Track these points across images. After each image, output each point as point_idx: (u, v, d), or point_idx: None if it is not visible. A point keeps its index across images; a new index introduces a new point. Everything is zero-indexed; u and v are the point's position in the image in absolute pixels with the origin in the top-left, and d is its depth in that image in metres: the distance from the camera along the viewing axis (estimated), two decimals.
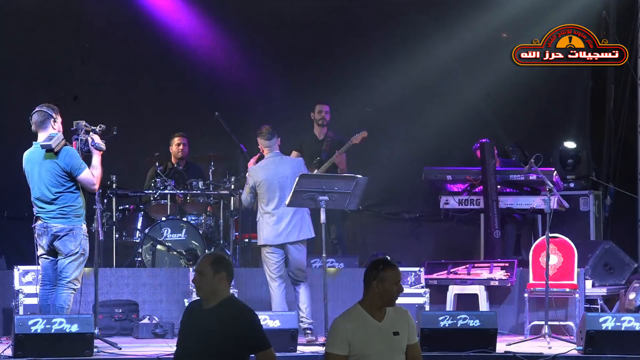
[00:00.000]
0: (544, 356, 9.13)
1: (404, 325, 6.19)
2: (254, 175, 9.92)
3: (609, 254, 11.52)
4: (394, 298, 6.17)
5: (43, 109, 9.01)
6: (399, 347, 6.17)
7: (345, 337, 6.09)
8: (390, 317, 6.18)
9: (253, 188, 9.92)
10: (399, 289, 6.17)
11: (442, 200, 11.87)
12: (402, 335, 6.17)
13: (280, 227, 9.84)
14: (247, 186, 10.01)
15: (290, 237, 9.85)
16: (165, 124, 12.97)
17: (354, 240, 13.17)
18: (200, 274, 6.03)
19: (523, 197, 11.59)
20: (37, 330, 8.51)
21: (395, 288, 6.15)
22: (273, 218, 9.83)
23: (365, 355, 6.10)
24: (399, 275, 6.19)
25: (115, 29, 13.13)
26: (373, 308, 6.16)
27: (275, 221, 9.84)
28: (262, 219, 9.93)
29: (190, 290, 10.35)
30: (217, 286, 6.01)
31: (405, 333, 6.19)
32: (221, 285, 6.02)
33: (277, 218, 9.83)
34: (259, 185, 9.87)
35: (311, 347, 9.40)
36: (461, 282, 10.79)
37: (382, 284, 6.13)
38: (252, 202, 10.08)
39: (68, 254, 8.86)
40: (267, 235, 9.87)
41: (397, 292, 6.16)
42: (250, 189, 9.95)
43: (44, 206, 8.89)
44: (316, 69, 13.30)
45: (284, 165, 9.96)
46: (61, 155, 8.86)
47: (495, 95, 13.45)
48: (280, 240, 9.83)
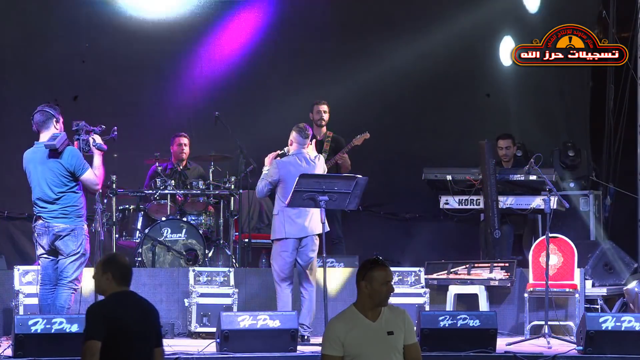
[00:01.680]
0: (544, 356, 9.13)
1: (399, 325, 6.14)
2: (280, 169, 9.89)
3: (609, 254, 11.53)
4: (383, 298, 6.11)
5: (45, 109, 9.01)
6: (394, 347, 6.11)
7: (338, 338, 6.09)
8: (386, 317, 6.13)
9: (276, 181, 9.89)
10: (389, 289, 6.10)
11: (442, 200, 11.87)
12: (396, 335, 6.12)
13: (302, 221, 9.83)
14: (268, 178, 9.91)
15: (311, 230, 9.85)
16: (165, 124, 12.97)
17: (354, 240, 13.17)
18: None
19: (523, 197, 11.59)
20: (37, 330, 8.51)
21: (385, 288, 6.09)
22: (295, 212, 9.81)
23: (358, 355, 6.08)
24: (388, 276, 6.12)
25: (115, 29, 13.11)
26: (366, 308, 6.13)
27: (297, 215, 9.83)
28: (283, 214, 9.87)
29: (190, 290, 10.36)
30: (103, 285, 6.21)
31: (400, 333, 6.13)
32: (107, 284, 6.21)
33: (298, 212, 9.83)
34: (284, 180, 9.84)
35: (311, 347, 9.40)
36: (461, 282, 10.79)
37: (371, 284, 6.09)
38: (267, 195, 10.06)
39: (69, 254, 8.86)
40: (289, 229, 9.84)
41: (386, 292, 6.09)
42: (272, 182, 9.91)
43: (46, 206, 8.89)
44: (316, 68, 13.30)
45: (310, 164, 9.99)
46: (65, 155, 8.87)
47: (495, 95, 13.46)
48: (303, 234, 9.83)
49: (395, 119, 13.36)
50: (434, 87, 13.42)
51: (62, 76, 13.00)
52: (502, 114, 13.35)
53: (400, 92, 13.33)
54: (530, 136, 13.03)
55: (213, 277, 10.45)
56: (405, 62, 13.29)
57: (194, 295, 10.31)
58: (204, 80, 13.35)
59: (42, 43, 12.93)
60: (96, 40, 13.10)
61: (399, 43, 13.30)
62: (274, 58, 13.40)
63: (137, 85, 13.21)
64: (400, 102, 13.34)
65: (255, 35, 13.43)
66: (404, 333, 6.15)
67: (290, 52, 13.41)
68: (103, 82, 13.08)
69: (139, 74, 13.19)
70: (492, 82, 13.38)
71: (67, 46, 13.07)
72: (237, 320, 9.11)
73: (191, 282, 10.40)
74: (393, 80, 13.33)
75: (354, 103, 13.07)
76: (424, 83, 13.35)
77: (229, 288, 10.40)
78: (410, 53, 13.26)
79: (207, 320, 10.23)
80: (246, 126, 12.70)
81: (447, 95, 13.46)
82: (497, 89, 13.41)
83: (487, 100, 13.51)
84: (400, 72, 13.30)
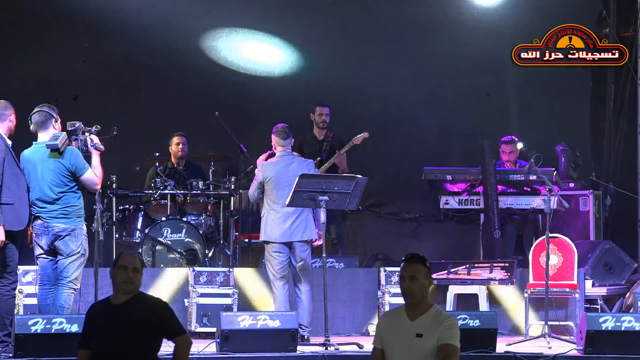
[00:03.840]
0: (544, 356, 9.13)
1: (433, 329, 5.97)
2: (264, 171, 9.91)
3: (609, 254, 11.52)
4: (405, 294, 6.03)
5: (44, 109, 9.01)
6: (420, 350, 5.97)
7: (379, 331, 6.16)
8: (424, 319, 6.02)
9: (262, 184, 9.91)
10: (407, 284, 6.02)
11: (442, 200, 11.86)
12: (425, 339, 5.97)
13: (286, 226, 9.84)
14: (255, 182, 9.98)
15: (294, 235, 9.85)
16: (165, 124, 12.96)
17: (354, 240, 13.17)
18: (137, 270, 6.57)
19: (523, 197, 11.59)
20: (37, 330, 8.50)
21: (404, 284, 6.03)
22: (279, 216, 9.83)
23: (390, 350, 6.07)
24: (409, 270, 6.04)
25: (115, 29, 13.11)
26: (407, 306, 6.08)
27: (281, 219, 9.83)
28: (268, 216, 9.92)
29: (190, 290, 10.36)
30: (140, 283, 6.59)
31: (432, 338, 5.96)
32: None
33: (283, 216, 9.83)
34: (268, 182, 9.85)
35: (311, 347, 9.39)
36: (461, 282, 10.78)
37: (400, 279, 6.09)
38: (259, 198, 10.07)
39: (70, 254, 8.86)
40: (271, 232, 9.87)
41: (405, 287, 6.02)
42: (259, 185, 9.93)
43: (45, 206, 8.88)
44: (316, 68, 13.30)
45: (295, 165, 9.97)
46: (66, 155, 8.86)
47: (495, 95, 13.46)
48: (285, 239, 9.84)
49: (395, 119, 13.35)
50: (434, 87, 13.41)
51: (62, 76, 13.00)
52: (502, 114, 13.35)
53: (401, 92, 13.32)
54: (530, 136, 13.04)
55: (213, 277, 10.44)
56: (406, 62, 13.29)
57: (194, 295, 10.31)
58: (204, 80, 13.34)
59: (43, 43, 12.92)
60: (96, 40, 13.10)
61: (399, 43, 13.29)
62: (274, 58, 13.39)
63: (137, 85, 13.20)
64: (401, 102, 13.33)
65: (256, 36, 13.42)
66: (438, 337, 5.98)
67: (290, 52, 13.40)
68: (103, 82, 13.08)
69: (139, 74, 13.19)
70: (492, 82, 13.37)
71: (67, 46, 13.06)
72: (237, 320, 9.11)
73: (191, 282, 10.40)
74: (393, 80, 13.33)
75: (354, 103, 13.06)
76: (424, 83, 13.34)
77: (229, 288, 10.39)
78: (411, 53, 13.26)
79: (207, 320, 10.23)
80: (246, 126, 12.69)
81: (447, 95, 13.45)
82: (497, 89, 13.41)
83: (487, 100, 13.51)
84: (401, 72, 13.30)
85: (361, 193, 9.73)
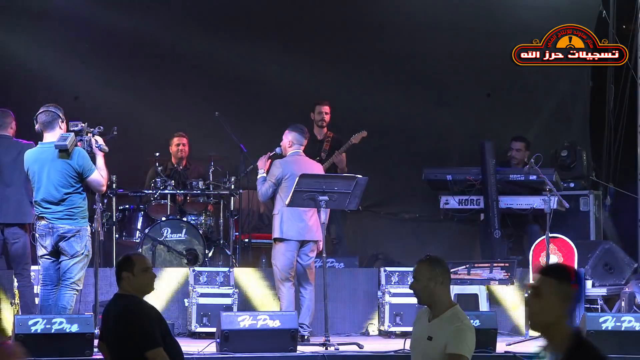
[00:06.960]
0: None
1: (445, 333, 5.84)
2: (283, 168, 9.88)
3: (609, 254, 11.52)
4: (414, 294, 6.01)
5: (50, 109, 8.98)
6: (429, 353, 5.87)
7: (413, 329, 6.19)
8: (438, 321, 5.92)
9: (279, 180, 9.88)
10: (411, 285, 6.01)
11: (442, 200, 11.87)
12: (435, 343, 5.84)
13: (302, 224, 9.84)
14: (271, 179, 9.92)
15: (309, 234, 9.86)
16: (165, 124, 12.96)
17: (354, 240, 13.17)
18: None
19: (523, 197, 11.59)
20: (37, 330, 8.51)
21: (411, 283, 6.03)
22: (295, 213, 9.81)
23: (411, 349, 6.12)
24: (414, 271, 6.02)
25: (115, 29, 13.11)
26: (427, 307, 6.04)
27: (298, 217, 9.83)
28: (283, 214, 9.88)
29: (190, 290, 10.36)
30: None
31: (440, 342, 5.82)
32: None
33: (299, 214, 9.82)
34: (287, 178, 9.82)
35: (311, 347, 9.40)
36: (461, 282, 10.78)
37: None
38: (270, 197, 10.04)
39: (74, 255, 8.84)
40: (287, 229, 9.85)
41: (410, 287, 6.03)
42: (276, 181, 9.90)
43: (50, 207, 8.85)
44: (316, 68, 13.29)
45: (312, 164, 10.02)
46: (74, 156, 8.82)
47: (495, 95, 13.46)
48: (301, 237, 9.83)
49: (395, 119, 13.35)
50: (435, 86, 13.41)
51: (62, 76, 12.99)
52: (502, 114, 13.35)
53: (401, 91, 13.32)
54: (530, 136, 13.03)
55: (213, 277, 10.44)
56: (406, 62, 13.29)
57: (194, 295, 10.31)
58: (204, 80, 13.34)
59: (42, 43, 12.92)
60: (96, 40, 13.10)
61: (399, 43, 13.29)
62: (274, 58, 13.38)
63: (137, 85, 13.20)
64: (401, 102, 13.33)
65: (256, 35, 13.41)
66: (446, 342, 5.83)
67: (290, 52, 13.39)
68: (103, 82, 13.08)
69: (139, 74, 13.19)
70: (492, 82, 13.37)
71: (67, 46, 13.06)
72: (237, 320, 9.11)
73: (191, 282, 10.40)
74: (393, 80, 13.32)
75: (354, 103, 13.06)
76: (424, 83, 13.34)
77: (229, 288, 10.39)
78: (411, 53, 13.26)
79: (207, 320, 10.23)
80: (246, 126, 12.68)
81: (447, 95, 13.45)
82: (497, 89, 13.41)
83: (487, 100, 13.51)
84: (401, 72, 13.30)
85: (361, 193, 9.73)
